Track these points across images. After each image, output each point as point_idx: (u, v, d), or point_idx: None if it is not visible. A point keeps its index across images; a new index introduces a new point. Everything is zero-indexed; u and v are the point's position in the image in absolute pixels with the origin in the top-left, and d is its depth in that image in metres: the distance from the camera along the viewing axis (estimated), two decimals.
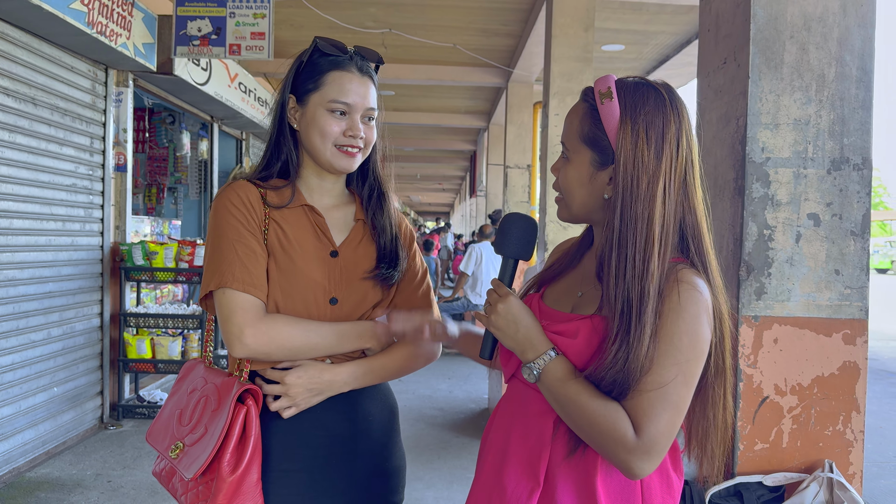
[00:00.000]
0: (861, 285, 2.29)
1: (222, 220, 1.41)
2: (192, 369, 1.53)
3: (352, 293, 1.47)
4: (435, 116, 12.21)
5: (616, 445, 1.09)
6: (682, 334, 1.11)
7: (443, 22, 6.96)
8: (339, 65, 1.46)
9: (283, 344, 1.37)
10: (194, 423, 1.39)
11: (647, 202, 1.14)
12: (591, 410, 1.11)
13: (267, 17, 4.83)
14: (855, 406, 2.29)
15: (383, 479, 1.52)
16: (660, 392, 1.10)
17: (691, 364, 1.12)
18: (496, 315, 1.20)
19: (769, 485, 2.23)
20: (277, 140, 1.50)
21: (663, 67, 8.39)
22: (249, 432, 1.34)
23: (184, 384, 1.51)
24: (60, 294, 4.58)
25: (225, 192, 1.44)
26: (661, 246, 1.14)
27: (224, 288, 1.36)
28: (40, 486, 3.94)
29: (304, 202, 1.48)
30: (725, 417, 1.23)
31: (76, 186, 4.72)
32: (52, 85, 4.42)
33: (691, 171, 1.19)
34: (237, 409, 1.34)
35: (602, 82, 1.21)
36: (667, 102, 1.18)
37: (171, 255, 5.24)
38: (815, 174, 2.29)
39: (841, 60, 2.27)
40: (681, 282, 1.13)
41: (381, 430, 1.51)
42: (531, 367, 1.17)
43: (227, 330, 1.36)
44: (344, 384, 1.42)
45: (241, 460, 1.32)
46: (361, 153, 1.48)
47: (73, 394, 4.74)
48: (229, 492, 1.30)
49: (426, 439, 4.96)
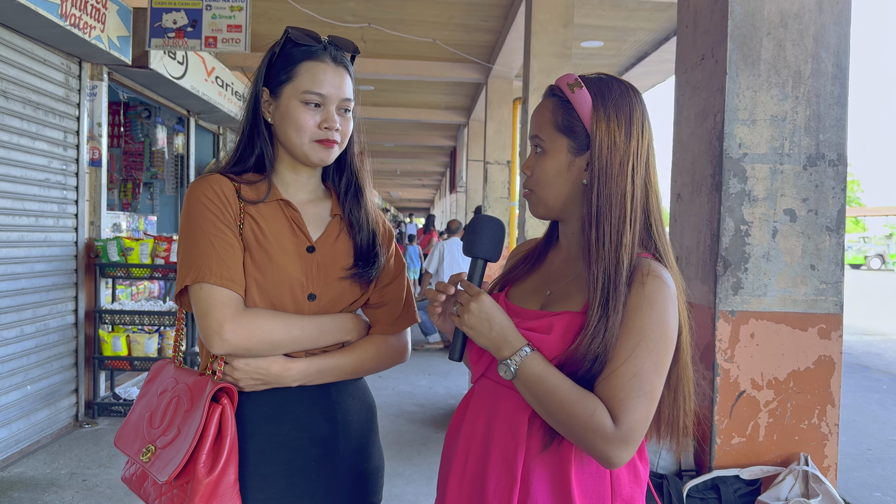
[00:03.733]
0: (836, 280, 2.32)
1: (197, 214, 1.37)
2: (162, 370, 1.49)
3: (330, 289, 1.45)
4: (414, 112, 12.18)
5: (595, 436, 1.12)
6: (653, 325, 1.16)
7: (422, 17, 6.94)
8: (313, 55, 1.42)
9: (263, 338, 1.34)
10: (166, 424, 1.35)
11: (621, 180, 1.22)
12: (570, 403, 1.13)
13: (244, 10, 4.78)
14: (830, 400, 2.31)
15: (363, 479, 1.49)
16: (634, 381, 1.14)
17: (661, 353, 1.17)
18: (469, 314, 1.20)
19: (746, 478, 2.25)
20: (251, 134, 1.46)
21: (641, 64, 8.43)
22: (226, 431, 1.30)
23: (153, 385, 1.47)
24: (33, 291, 4.51)
25: (199, 184, 1.40)
26: (632, 219, 1.23)
27: (201, 283, 1.33)
28: (13, 486, 3.88)
29: (280, 197, 1.45)
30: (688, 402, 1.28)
31: (49, 181, 4.64)
32: (24, 78, 4.34)
33: (652, 153, 1.28)
34: (212, 408, 1.30)
35: (566, 78, 1.28)
36: (629, 90, 1.27)
37: (146, 251, 5.17)
38: (792, 170, 2.30)
39: (817, 57, 2.29)
40: (650, 274, 1.19)
41: (360, 431, 1.49)
42: (508, 363, 1.18)
43: (205, 325, 1.32)
44: (293, 380, 1.39)
45: (217, 461, 1.28)
46: (338, 146, 1.45)
47: (48, 392, 4.67)
48: (206, 494, 1.26)
49: (406, 435, 4.96)
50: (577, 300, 1.24)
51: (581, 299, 1.23)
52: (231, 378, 1.36)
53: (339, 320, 1.45)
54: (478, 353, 1.29)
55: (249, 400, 1.39)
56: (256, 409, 1.39)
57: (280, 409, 1.41)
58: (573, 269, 1.30)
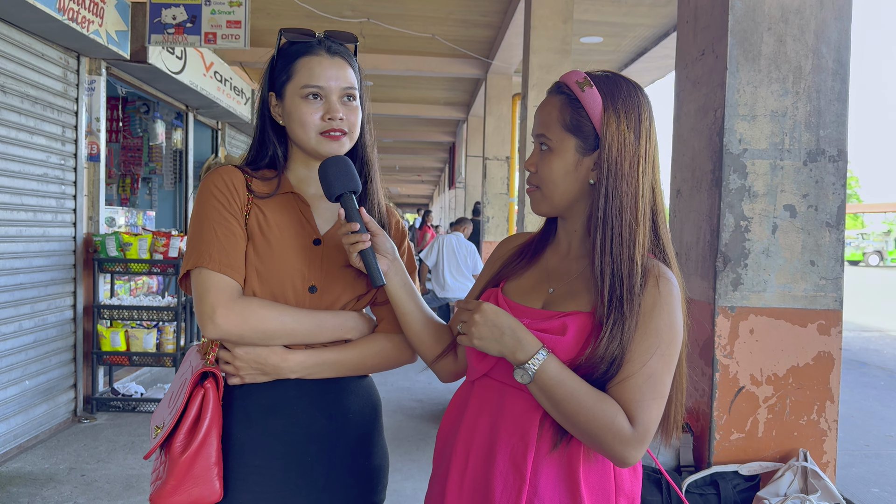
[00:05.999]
0: (836, 276, 2.31)
1: (205, 203, 1.41)
2: (190, 354, 1.53)
3: (333, 282, 1.44)
4: (414, 107, 12.16)
5: (613, 439, 1.13)
6: (664, 326, 1.18)
7: (421, 12, 6.92)
8: (308, 50, 1.44)
9: (256, 326, 1.35)
10: (171, 406, 1.40)
11: (631, 181, 1.22)
12: (588, 407, 1.14)
13: (243, 5, 4.76)
14: (829, 396, 2.31)
15: (363, 477, 1.48)
16: (649, 382, 1.15)
17: (672, 354, 1.19)
18: (475, 326, 1.18)
19: (745, 474, 2.25)
20: (261, 139, 1.50)
21: (641, 60, 8.42)
22: (205, 414, 1.33)
23: (181, 368, 1.52)
24: (32, 286, 4.50)
25: (210, 176, 1.44)
26: (643, 220, 1.22)
27: (200, 268, 1.35)
28: (12, 481, 3.88)
29: (291, 189, 1.47)
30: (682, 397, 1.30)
31: (48, 176, 4.63)
32: (22, 72, 4.32)
33: (658, 154, 1.28)
34: (195, 391, 1.34)
35: (574, 75, 1.27)
36: (636, 89, 1.26)
37: (145, 246, 5.17)
38: (792, 166, 2.30)
39: (818, 52, 2.28)
40: (660, 276, 1.20)
41: (360, 428, 1.48)
42: (526, 367, 1.16)
43: (199, 310, 1.35)
44: (291, 371, 1.39)
45: (192, 441, 1.31)
46: (347, 137, 1.45)
47: (46, 387, 4.66)
48: (179, 473, 1.30)
49: (405, 431, 4.96)
50: (584, 299, 1.23)
51: (588, 298, 1.22)
52: (231, 367, 1.38)
53: (340, 317, 1.44)
54: (480, 352, 1.27)
55: (250, 393, 1.40)
56: (255, 402, 1.40)
57: (278, 402, 1.41)
58: (575, 267, 1.29)
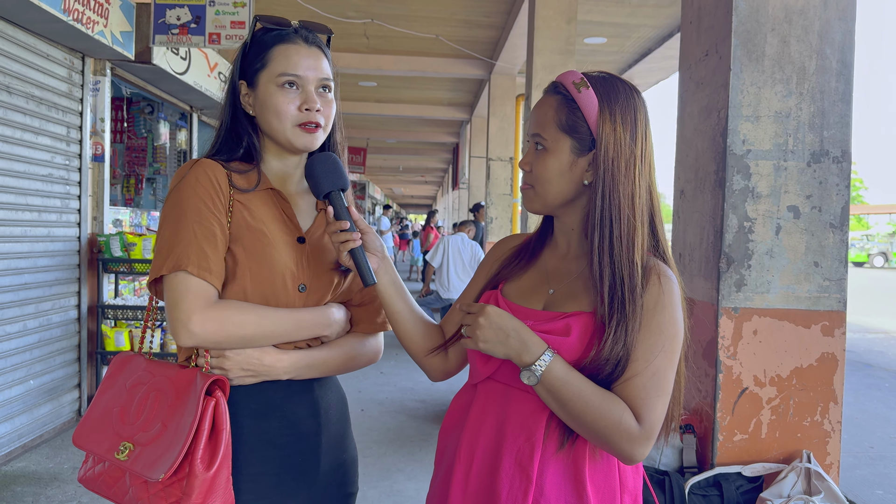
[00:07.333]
0: (840, 277, 2.31)
1: (185, 199, 1.32)
2: (128, 363, 1.43)
3: (320, 281, 1.43)
4: (417, 108, 12.15)
5: (621, 437, 1.14)
6: (667, 324, 1.19)
7: (425, 12, 6.93)
8: (285, 38, 1.40)
9: (233, 332, 1.29)
10: (144, 419, 1.29)
11: (627, 182, 1.22)
12: (596, 407, 1.14)
13: (247, 6, 4.77)
14: (833, 397, 2.31)
15: (342, 471, 1.49)
16: (654, 380, 1.16)
17: (675, 351, 1.20)
18: (481, 330, 1.18)
19: (748, 475, 2.25)
20: (233, 129, 1.43)
21: (645, 61, 8.41)
22: (221, 426, 1.26)
23: (119, 379, 1.40)
24: (36, 286, 4.51)
25: (192, 169, 1.35)
26: (641, 221, 1.23)
27: (178, 271, 1.27)
28: (16, 480, 3.89)
29: (270, 186, 1.42)
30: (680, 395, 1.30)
31: (52, 176, 4.64)
32: (27, 73, 4.33)
33: (653, 156, 1.28)
34: (206, 402, 1.26)
35: (571, 75, 1.27)
36: (632, 91, 1.26)
37: (149, 246, 5.17)
38: (796, 167, 2.30)
39: (821, 53, 2.28)
40: (661, 275, 1.21)
41: (338, 423, 1.49)
42: (532, 369, 1.16)
43: (173, 317, 1.26)
44: (283, 372, 1.37)
45: (215, 456, 1.24)
46: (322, 129, 1.41)
47: (50, 386, 4.67)
48: (203, 489, 1.22)
49: (408, 431, 4.96)
50: (585, 300, 1.23)
51: (589, 298, 1.23)
52: (220, 370, 1.32)
53: (317, 314, 1.41)
54: (485, 355, 1.27)
55: (234, 399, 1.34)
56: (243, 407, 1.35)
57: (266, 405, 1.37)
58: (574, 267, 1.29)
